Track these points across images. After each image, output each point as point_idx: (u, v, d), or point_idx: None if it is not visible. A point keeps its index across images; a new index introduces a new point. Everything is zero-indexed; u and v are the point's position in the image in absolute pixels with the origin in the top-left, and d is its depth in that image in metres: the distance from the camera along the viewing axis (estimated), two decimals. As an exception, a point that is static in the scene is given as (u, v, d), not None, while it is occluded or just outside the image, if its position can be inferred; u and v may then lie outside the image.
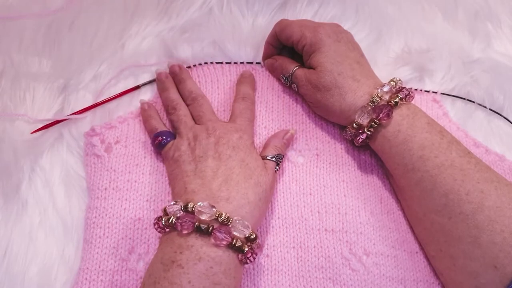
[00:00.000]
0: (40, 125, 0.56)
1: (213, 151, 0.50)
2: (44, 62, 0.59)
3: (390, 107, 0.50)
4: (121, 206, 0.52)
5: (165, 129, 0.55)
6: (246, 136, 0.52)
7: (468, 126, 0.60)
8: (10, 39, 0.59)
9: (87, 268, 0.49)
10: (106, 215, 0.51)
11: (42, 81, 0.58)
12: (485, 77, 0.62)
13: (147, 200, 0.52)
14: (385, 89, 0.51)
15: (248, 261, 0.45)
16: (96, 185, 0.52)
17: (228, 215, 0.45)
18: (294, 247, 0.51)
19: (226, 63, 0.61)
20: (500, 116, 0.61)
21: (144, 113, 0.57)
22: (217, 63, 0.60)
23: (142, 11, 0.62)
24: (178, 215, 0.45)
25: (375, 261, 0.50)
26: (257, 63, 0.61)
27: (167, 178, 0.53)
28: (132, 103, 0.58)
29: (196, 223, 0.44)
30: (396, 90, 0.52)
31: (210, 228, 0.44)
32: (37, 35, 0.60)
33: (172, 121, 0.55)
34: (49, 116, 0.56)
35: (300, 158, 0.56)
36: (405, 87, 0.52)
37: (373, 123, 0.51)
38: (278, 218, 0.52)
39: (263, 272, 0.49)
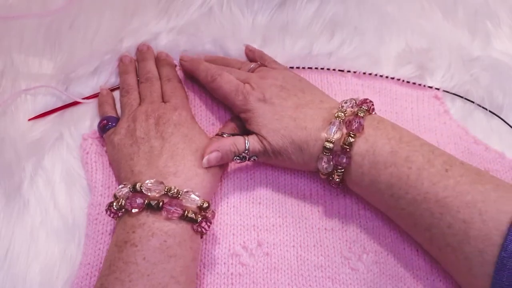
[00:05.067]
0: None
1: (154, 132, 0.50)
2: (44, 62, 0.59)
3: (345, 150, 0.47)
4: None
5: (115, 115, 0.55)
6: (185, 112, 0.53)
7: (467, 124, 0.60)
8: (10, 39, 0.59)
9: (88, 263, 0.49)
10: None
11: (43, 81, 0.58)
12: (485, 76, 0.62)
13: None
14: (333, 129, 0.47)
15: (203, 229, 0.45)
16: (98, 182, 0.53)
17: (177, 188, 0.45)
18: (294, 246, 0.51)
19: None
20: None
21: (101, 98, 0.57)
22: None
23: (142, 11, 0.62)
24: (128, 196, 0.45)
25: (375, 260, 0.50)
26: None
27: None
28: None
29: (146, 201, 0.44)
30: (346, 121, 0.47)
31: (160, 203, 0.44)
32: (38, 35, 0.60)
33: (121, 104, 0.55)
34: (50, 118, 0.56)
35: None
36: (352, 111, 0.48)
37: (336, 170, 0.48)
38: (279, 217, 0.52)
39: (263, 270, 0.49)
